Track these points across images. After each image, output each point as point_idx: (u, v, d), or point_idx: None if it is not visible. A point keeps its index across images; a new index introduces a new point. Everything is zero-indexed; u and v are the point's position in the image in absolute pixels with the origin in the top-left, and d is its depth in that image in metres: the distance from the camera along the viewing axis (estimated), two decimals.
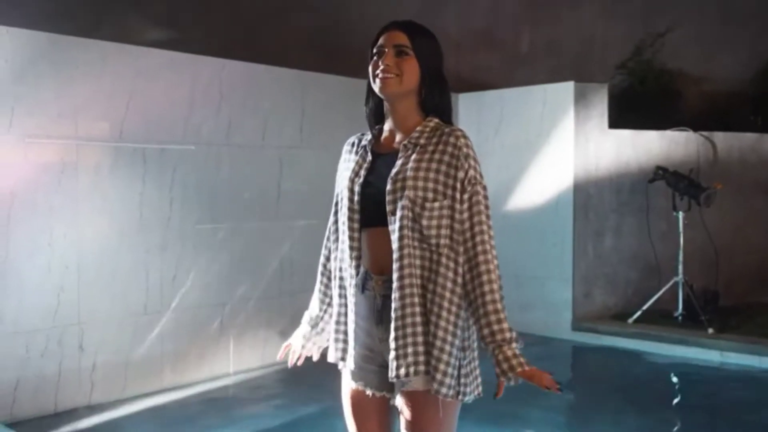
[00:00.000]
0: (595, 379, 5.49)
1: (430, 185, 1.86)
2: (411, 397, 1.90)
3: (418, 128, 1.94)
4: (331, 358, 2.07)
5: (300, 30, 6.33)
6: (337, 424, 2.10)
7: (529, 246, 6.36)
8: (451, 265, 1.87)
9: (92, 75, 4.33)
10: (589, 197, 6.24)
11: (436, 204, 1.86)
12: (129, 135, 4.48)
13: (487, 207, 1.91)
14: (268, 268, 5.20)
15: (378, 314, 1.94)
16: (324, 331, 2.17)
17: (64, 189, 4.20)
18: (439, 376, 1.84)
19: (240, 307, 5.07)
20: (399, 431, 1.98)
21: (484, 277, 1.86)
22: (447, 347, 1.85)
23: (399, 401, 1.93)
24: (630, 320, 6.04)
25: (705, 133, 6.76)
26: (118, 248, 4.45)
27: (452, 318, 1.87)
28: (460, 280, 1.88)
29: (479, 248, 1.86)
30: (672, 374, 5.34)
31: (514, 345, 1.85)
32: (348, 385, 2.05)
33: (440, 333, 1.85)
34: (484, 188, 1.91)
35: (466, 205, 1.87)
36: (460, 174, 1.87)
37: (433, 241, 1.86)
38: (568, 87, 6.19)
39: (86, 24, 4.56)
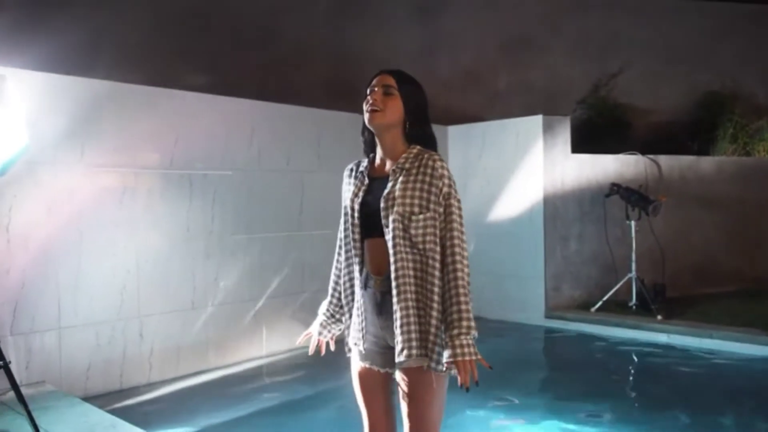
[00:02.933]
0: (565, 358, 5.48)
1: (416, 201, 1.89)
2: (408, 373, 1.92)
3: (404, 155, 1.96)
4: (350, 346, 2.08)
5: (315, 75, 6.41)
6: (349, 396, 2.13)
7: (508, 250, 6.39)
8: (437, 265, 1.89)
9: (145, 115, 4.40)
10: (557, 209, 6.26)
11: (421, 216, 1.88)
12: (177, 163, 4.56)
13: (460, 217, 1.93)
14: (292, 270, 5.25)
15: (378, 307, 1.96)
16: (336, 323, 2.18)
17: (125, 208, 4.27)
18: (435, 356, 1.87)
19: (270, 302, 5.11)
20: (399, 402, 2.00)
21: (457, 274, 1.88)
22: (440, 333, 1.88)
23: (398, 376, 1.96)
24: (592, 309, 6.03)
25: (651, 156, 6.77)
26: (170, 255, 4.51)
27: (437, 306, 1.89)
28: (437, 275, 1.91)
29: (453, 251, 1.89)
30: (627, 352, 5.33)
31: (472, 334, 1.85)
32: (357, 365, 2.07)
33: (433, 321, 1.87)
34: (458, 201, 1.94)
35: (443, 217, 1.91)
36: (435, 190, 1.89)
37: (421, 246, 1.88)
38: (537, 119, 6.22)
39: (141, 74, 4.64)
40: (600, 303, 6.04)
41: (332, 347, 2.24)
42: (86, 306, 4.06)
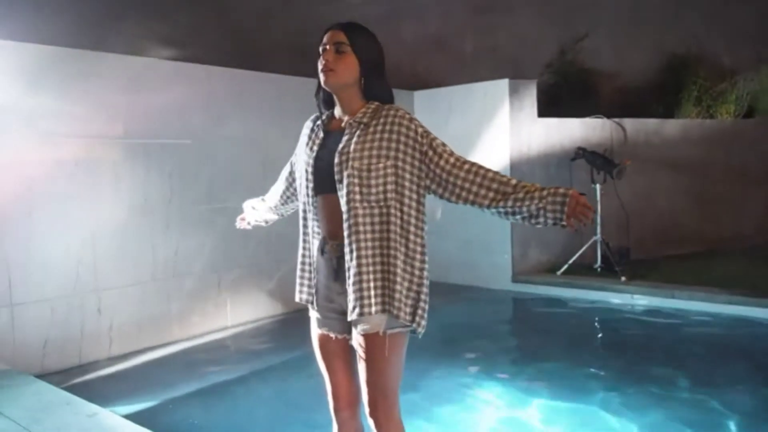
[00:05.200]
0: (531, 321, 5.48)
1: (374, 152, 1.80)
2: (364, 339, 1.85)
3: (362, 110, 1.87)
4: (297, 298, 2.03)
5: (276, 39, 6.18)
6: (315, 364, 2.06)
7: (475, 216, 6.23)
8: (398, 214, 1.81)
9: (95, 82, 4.17)
10: (523, 174, 6.17)
11: (381, 165, 1.79)
12: (131, 132, 4.34)
13: (452, 151, 1.88)
14: (256, 240, 5.11)
15: (334, 272, 1.89)
16: (259, 213, 2.36)
17: (77, 180, 4.07)
18: (403, 308, 1.80)
19: (234, 271, 4.99)
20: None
21: (502, 178, 1.84)
22: (405, 283, 1.82)
23: (355, 341, 1.89)
24: (559, 273, 6.03)
25: (617, 120, 6.72)
26: (127, 228, 4.33)
27: (402, 257, 1.82)
28: (408, 225, 1.82)
29: (473, 164, 1.86)
30: (592, 314, 5.34)
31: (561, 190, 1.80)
32: (315, 331, 2.01)
33: (399, 271, 1.80)
34: (441, 141, 1.89)
35: (437, 151, 1.84)
36: (402, 138, 1.81)
37: (381, 197, 1.79)
38: (503, 84, 6.10)
39: (93, 39, 4.37)
40: (566, 266, 6.03)
41: (248, 227, 2.46)
42: (39, 282, 3.89)
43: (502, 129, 6.11)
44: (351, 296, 1.80)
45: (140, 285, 4.40)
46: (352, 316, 1.81)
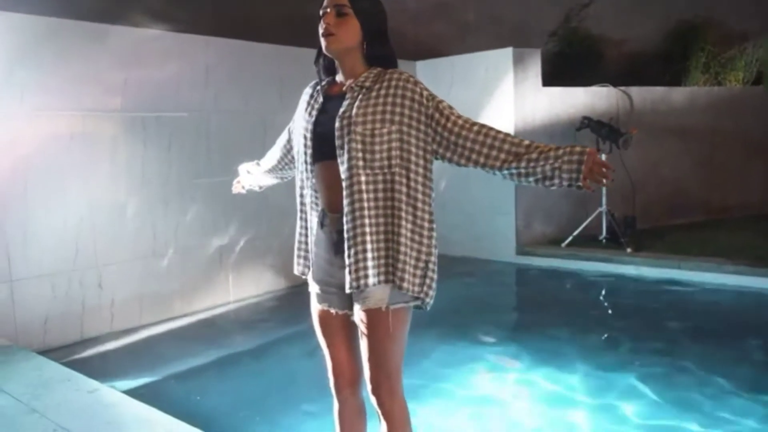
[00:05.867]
0: (535, 293, 5.43)
1: (378, 117, 1.71)
2: (366, 314, 1.78)
3: (364, 74, 1.78)
4: (296, 271, 1.98)
5: (276, 9, 6.03)
6: (316, 340, 2.01)
7: (479, 187, 6.19)
8: (404, 181, 1.72)
9: (90, 55, 4.06)
10: None
11: (385, 130, 1.70)
12: (128, 106, 4.25)
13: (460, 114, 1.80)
14: (257, 213, 5.04)
15: (335, 246, 1.80)
16: (254, 177, 2.31)
17: (73, 154, 3.99)
18: (403, 275, 1.71)
19: (235, 246, 4.93)
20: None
21: (514, 139, 1.76)
22: (413, 253, 1.73)
23: (357, 317, 1.82)
24: (563, 244, 5.96)
25: (623, 88, 6.57)
26: (125, 203, 4.27)
27: (410, 226, 1.73)
28: (415, 193, 1.73)
29: (483, 126, 1.77)
30: (597, 286, 5.29)
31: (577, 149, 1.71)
32: (315, 307, 1.94)
33: (402, 240, 1.71)
34: (448, 103, 1.80)
35: (444, 114, 1.76)
36: (406, 102, 1.73)
37: (386, 162, 1.70)
38: (507, 52, 5.95)
39: (82, 8, 4.25)
40: (570, 238, 5.96)
41: (243, 192, 2.40)
42: (38, 257, 3.84)
43: (506, 99, 5.98)
44: (351, 267, 1.72)
45: (141, 260, 4.36)
46: (350, 288, 1.72)
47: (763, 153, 7.29)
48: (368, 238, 1.71)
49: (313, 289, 1.92)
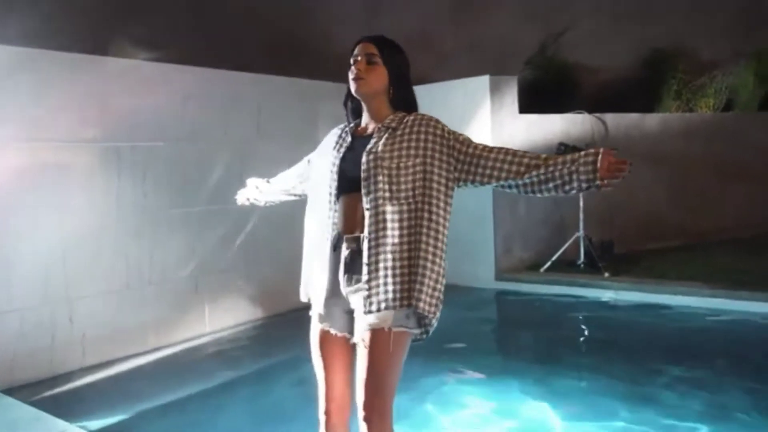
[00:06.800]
0: (516, 319, 5.42)
1: (404, 152, 1.85)
2: (369, 333, 1.83)
3: (390, 116, 1.95)
4: (302, 297, 2.05)
5: (254, 38, 6.03)
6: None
7: (458, 214, 6.08)
8: (426, 208, 1.83)
9: (65, 85, 4.01)
10: None
11: (410, 163, 1.83)
12: (102, 136, 4.18)
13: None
14: (235, 244, 4.97)
15: (346, 266, 1.88)
16: (263, 193, 2.36)
17: (45, 185, 3.90)
18: (420, 296, 1.80)
19: (212, 277, 4.84)
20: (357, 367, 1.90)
21: (532, 154, 1.88)
22: (432, 281, 1.83)
23: (357, 337, 1.87)
24: (542, 269, 5.97)
25: (597, 115, 6.67)
26: (99, 234, 4.18)
27: (432, 250, 1.83)
28: (437, 218, 1.84)
29: (508, 149, 1.90)
30: (575, 311, 5.29)
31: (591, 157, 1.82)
32: (316, 327, 1.99)
33: (424, 264, 1.81)
34: (463, 134, 1.94)
35: (464, 143, 1.89)
36: (430, 138, 1.86)
37: (410, 193, 1.82)
38: (484, 80, 6.01)
39: (58, 39, 4.19)
40: (549, 263, 5.97)
41: (246, 204, 2.44)
42: (5, 292, 3.72)
43: (484, 125, 6.02)
44: (372, 291, 1.80)
45: (114, 293, 4.25)
46: (366, 311, 1.80)
47: (735, 178, 7.41)
48: (390, 264, 1.80)
49: (316, 310, 1.98)
